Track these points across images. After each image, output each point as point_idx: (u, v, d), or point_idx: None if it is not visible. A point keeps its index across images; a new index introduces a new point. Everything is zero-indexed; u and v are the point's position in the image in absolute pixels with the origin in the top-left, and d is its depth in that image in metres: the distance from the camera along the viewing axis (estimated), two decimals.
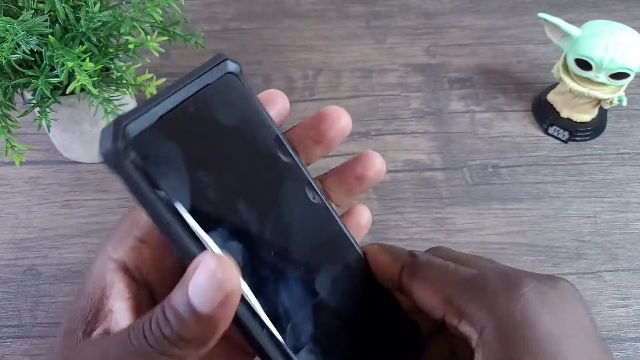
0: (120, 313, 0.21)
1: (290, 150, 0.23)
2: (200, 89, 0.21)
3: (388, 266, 0.24)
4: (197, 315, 0.17)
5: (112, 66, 0.43)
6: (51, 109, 0.43)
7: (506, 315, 0.20)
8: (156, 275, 0.22)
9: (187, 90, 0.20)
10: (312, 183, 0.23)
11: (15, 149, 0.42)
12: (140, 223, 0.22)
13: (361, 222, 0.26)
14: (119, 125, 0.18)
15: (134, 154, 0.18)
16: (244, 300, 0.19)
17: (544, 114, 0.56)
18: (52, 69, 0.40)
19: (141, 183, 0.18)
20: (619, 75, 0.49)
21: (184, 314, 0.18)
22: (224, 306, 0.17)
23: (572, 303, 0.22)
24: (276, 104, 0.24)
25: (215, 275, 0.17)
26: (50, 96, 0.41)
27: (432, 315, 0.23)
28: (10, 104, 0.42)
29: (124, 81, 0.44)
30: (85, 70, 0.39)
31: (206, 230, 0.19)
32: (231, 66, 0.22)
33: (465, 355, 0.22)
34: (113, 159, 0.17)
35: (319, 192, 0.23)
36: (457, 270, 0.23)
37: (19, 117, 0.43)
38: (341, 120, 0.24)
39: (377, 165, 0.25)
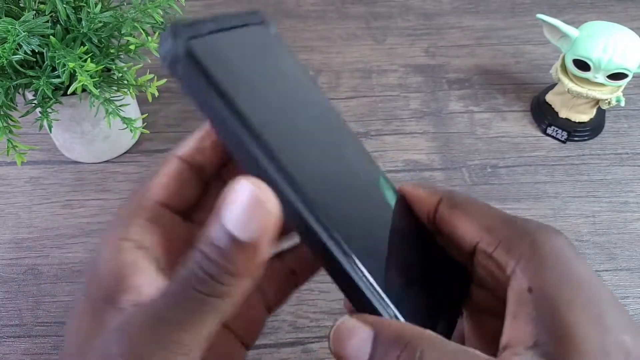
0: (148, 286, 0.19)
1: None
2: (245, 25, 0.21)
3: (425, 199, 0.25)
4: (239, 244, 0.16)
5: (114, 67, 0.43)
6: (52, 109, 0.43)
7: (546, 248, 0.21)
8: (165, 255, 0.21)
9: (239, 19, 0.21)
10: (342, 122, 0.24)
11: (17, 149, 0.43)
12: (146, 205, 0.21)
13: None
14: (177, 28, 0.18)
15: (192, 54, 0.17)
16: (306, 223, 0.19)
17: (543, 115, 0.56)
18: (54, 69, 0.41)
19: (199, 81, 0.18)
20: (617, 76, 0.50)
21: (225, 246, 0.17)
22: (265, 230, 0.17)
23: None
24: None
25: (252, 198, 0.16)
26: (51, 96, 0.42)
27: (463, 245, 0.24)
28: (12, 104, 0.42)
29: (125, 82, 0.45)
30: (87, 71, 0.39)
31: (261, 132, 0.18)
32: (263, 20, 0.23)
33: (486, 287, 0.23)
34: (171, 58, 0.18)
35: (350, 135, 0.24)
36: (497, 209, 0.24)
37: (20, 117, 0.43)
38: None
39: None
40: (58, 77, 0.40)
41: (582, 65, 0.50)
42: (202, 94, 0.18)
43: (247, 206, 0.16)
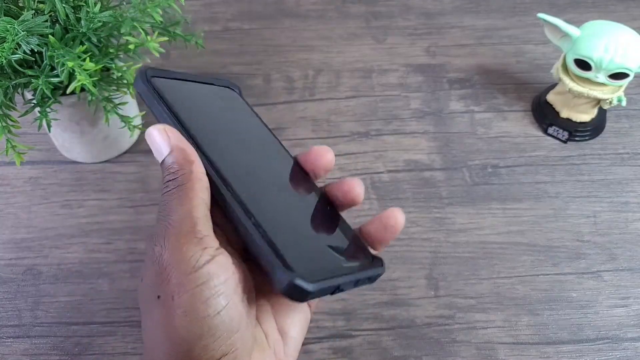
0: None
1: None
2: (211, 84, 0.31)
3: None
4: (168, 156, 0.26)
5: (113, 66, 0.43)
6: (51, 109, 0.43)
7: None
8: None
9: (207, 79, 0.31)
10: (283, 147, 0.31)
11: (16, 148, 0.42)
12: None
13: (388, 225, 0.28)
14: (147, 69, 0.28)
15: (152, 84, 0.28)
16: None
17: (544, 114, 0.56)
18: (53, 69, 0.40)
19: (154, 100, 0.27)
20: (618, 76, 0.49)
21: (165, 164, 0.26)
22: (171, 138, 0.26)
23: None
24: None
25: (150, 135, 0.26)
26: (50, 96, 0.41)
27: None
28: (11, 104, 0.42)
29: (125, 81, 0.44)
30: (86, 70, 0.39)
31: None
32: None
33: None
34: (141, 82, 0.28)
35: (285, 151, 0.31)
36: None
37: (19, 117, 0.43)
38: (327, 156, 0.30)
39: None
40: (57, 76, 0.40)
41: (583, 64, 0.50)
42: (155, 107, 0.27)
43: (154, 139, 0.26)
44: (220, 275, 0.23)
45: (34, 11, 0.41)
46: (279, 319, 0.27)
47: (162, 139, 0.26)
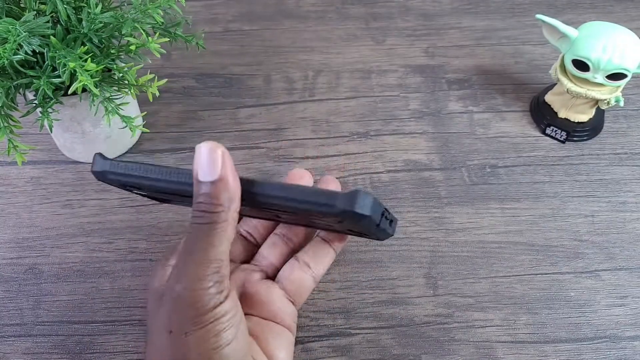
0: None
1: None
2: None
3: None
4: (213, 183, 0.24)
5: (114, 67, 0.43)
6: (53, 109, 0.43)
7: None
8: None
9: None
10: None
11: (18, 149, 0.43)
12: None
13: None
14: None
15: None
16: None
17: (542, 115, 0.56)
18: (54, 69, 0.41)
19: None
20: (616, 76, 0.50)
21: (204, 191, 0.24)
22: (224, 165, 0.24)
23: None
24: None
25: (207, 150, 0.24)
26: (52, 96, 0.42)
27: None
28: (13, 105, 0.42)
29: (126, 82, 0.45)
30: (87, 71, 0.39)
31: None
32: None
33: None
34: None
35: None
36: None
37: (21, 117, 0.43)
38: (304, 178, 0.32)
39: None
40: (58, 77, 0.40)
41: (581, 65, 0.50)
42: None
43: (206, 157, 0.24)
44: (231, 311, 0.24)
45: (35, 12, 0.41)
46: (263, 345, 0.28)
47: (213, 161, 0.24)
